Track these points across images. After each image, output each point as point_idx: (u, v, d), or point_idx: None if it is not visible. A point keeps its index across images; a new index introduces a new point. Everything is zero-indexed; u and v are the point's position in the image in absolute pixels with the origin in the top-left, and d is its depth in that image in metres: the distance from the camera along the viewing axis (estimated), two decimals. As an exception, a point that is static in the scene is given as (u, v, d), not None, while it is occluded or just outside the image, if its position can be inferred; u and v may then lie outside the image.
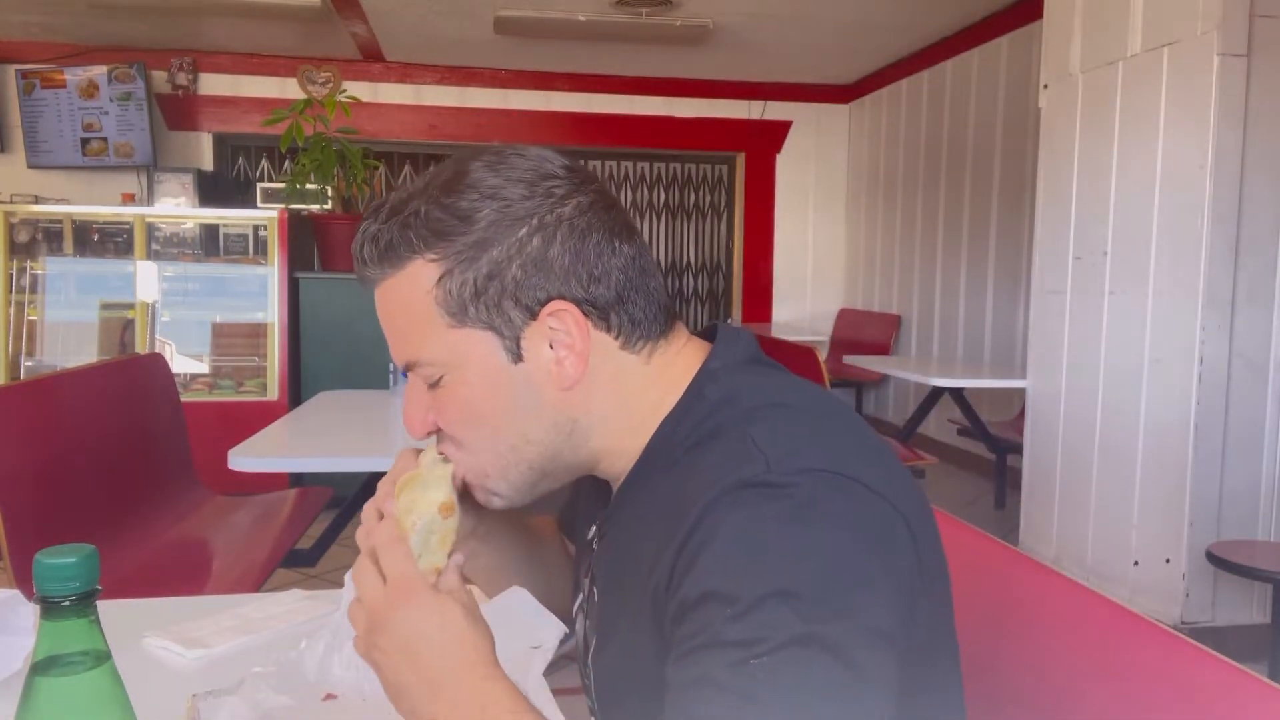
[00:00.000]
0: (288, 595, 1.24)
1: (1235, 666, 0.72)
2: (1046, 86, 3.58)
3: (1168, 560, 2.97)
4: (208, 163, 6.21)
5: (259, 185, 5.69)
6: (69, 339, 4.83)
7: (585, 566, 0.84)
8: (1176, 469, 2.94)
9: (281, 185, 4.78)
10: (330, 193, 4.37)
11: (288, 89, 5.56)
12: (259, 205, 5.32)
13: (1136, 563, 3.09)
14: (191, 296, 4.89)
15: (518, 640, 0.80)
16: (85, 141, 5.77)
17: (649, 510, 0.73)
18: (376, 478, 0.78)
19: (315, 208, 4.56)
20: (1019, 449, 3.84)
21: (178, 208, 5.31)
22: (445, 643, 0.67)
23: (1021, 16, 4.91)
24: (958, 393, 4.32)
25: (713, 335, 0.80)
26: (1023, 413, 3.91)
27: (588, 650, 0.81)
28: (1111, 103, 3.22)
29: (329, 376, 4.29)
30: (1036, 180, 3.68)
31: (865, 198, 6.91)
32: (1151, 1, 3.06)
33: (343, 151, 4.14)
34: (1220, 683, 0.73)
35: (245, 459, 2.05)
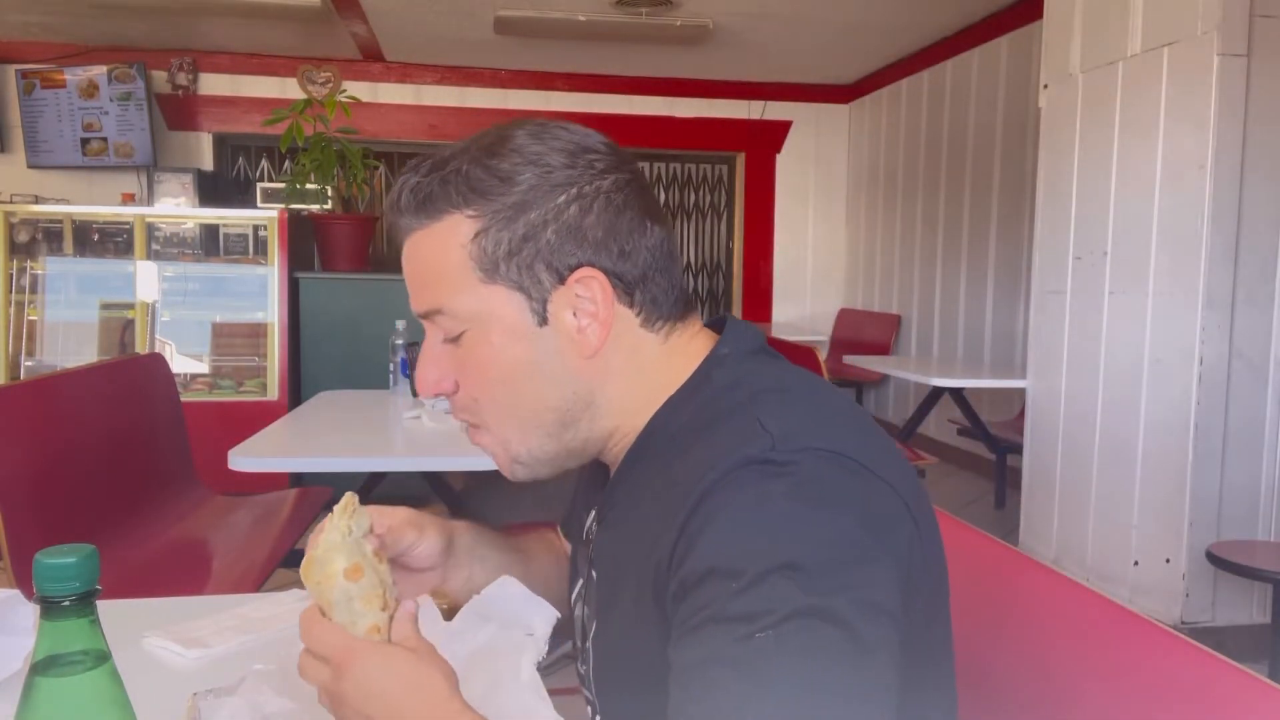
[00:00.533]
0: (288, 595, 1.23)
1: (1235, 666, 0.72)
2: (1046, 86, 3.58)
3: (1168, 560, 2.97)
4: (208, 163, 6.21)
5: (259, 185, 5.67)
6: (69, 339, 4.83)
7: (584, 553, 0.84)
8: (1176, 469, 2.94)
9: (281, 185, 4.78)
10: (330, 193, 4.38)
11: (288, 89, 5.56)
12: (259, 205, 5.31)
13: (1136, 563, 3.09)
14: (191, 296, 4.88)
15: (510, 629, 0.80)
16: (85, 141, 5.76)
17: (649, 489, 0.74)
18: (377, 478, 0.78)
19: (315, 208, 4.57)
20: (1019, 449, 3.84)
21: (178, 208, 5.30)
22: (400, 691, 0.66)
23: (1021, 16, 4.91)
24: (958, 393, 4.32)
25: (721, 326, 0.81)
26: (1023, 413, 3.91)
27: (586, 636, 0.81)
28: (1111, 103, 3.22)
29: (329, 376, 4.29)
30: (1036, 180, 3.68)
31: (865, 198, 6.91)
32: (1151, 1, 3.06)
33: (343, 151, 4.15)
34: (1220, 683, 0.73)
35: (245, 459, 2.05)
